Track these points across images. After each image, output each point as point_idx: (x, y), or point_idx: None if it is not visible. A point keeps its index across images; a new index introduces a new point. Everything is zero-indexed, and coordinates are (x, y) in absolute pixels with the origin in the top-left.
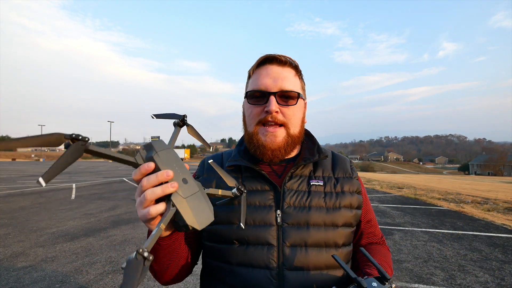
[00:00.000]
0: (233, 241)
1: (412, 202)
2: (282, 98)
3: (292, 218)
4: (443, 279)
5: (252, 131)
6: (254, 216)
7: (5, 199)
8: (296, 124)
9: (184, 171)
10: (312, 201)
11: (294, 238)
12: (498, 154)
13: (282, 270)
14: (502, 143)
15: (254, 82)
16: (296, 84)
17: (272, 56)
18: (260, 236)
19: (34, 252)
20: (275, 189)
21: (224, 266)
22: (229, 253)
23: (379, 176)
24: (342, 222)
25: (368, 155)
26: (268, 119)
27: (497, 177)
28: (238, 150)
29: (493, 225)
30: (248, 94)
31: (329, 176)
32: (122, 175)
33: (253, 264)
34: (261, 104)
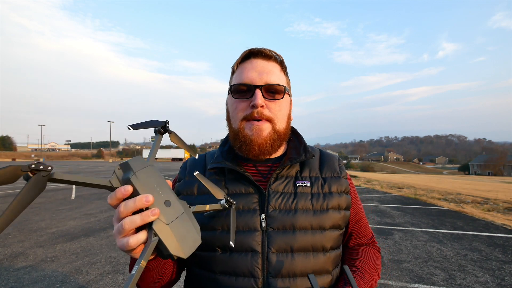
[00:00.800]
0: (216, 248)
1: (412, 202)
2: (268, 93)
3: (277, 222)
4: (443, 279)
5: (237, 127)
6: (238, 221)
7: (5, 199)
8: (282, 120)
9: (166, 192)
10: (299, 204)
11: (280, 243)
12: (498, 154)
13: (267, 278)
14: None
15: (239, 76)
16: (281, 79)
17: (257, 50)
18: (244, 242)
19: (34, 252)
20: (259, 192)
21: (207, 274)
22: (212, 261)
23: (379, 176)
24: (330, 225)
25: (368, 155)
26: (254, 114)
27: (497, 177)
28: (221, 150)
29: (493, 225)
30: (232, 88)
31: (316, 176)
32: None
33: (236, 272)
34: (247, 99)
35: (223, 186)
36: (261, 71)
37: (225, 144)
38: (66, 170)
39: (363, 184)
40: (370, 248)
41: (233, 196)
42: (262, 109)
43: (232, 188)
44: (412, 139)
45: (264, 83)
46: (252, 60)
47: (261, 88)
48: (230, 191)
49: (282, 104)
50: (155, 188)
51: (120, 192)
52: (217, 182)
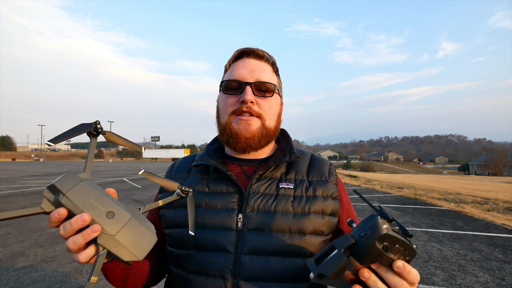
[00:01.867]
0: (190, 246)
1: (412, 202)
2: (259, 90)
3: (254, 222)
4: (443, 279)
5: (225, 121)
6: (214, 219)
7: (5, 199)
8: (272, 118)
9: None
10: (278, 205)
11: (254, 245)
12: (498, 154)
13: (238, 280)
14: (502, 143)
15: (230, 73)
16: (273, 79)
17: (249, 49)
18: (217, 241)
19: (34, 252)
20: (240, 192)
21: (180, 273)
22: (185, 259)
23: (379, 176)
24: (311, 229)
25: (368, 155)
26: (242, 109)
27: (497, 177)
28: (207, 149)
29: (493, 225)
30: (223, 84)
31: (302, 179)
32: (122, 175)
33: (207, 273)
34: (237, 94)
35: (204, 185)
36: (253, 69)
37: (213, 143)
38: (66, 170)
39: (363, 184)
40: None
41: (213, 195)
42: (252, 105)
43: (213, 187)
44: (412, 139)
45: (255, 80)
46: (244, 59)
47: (251, 84)
48: (210, 190)
49: (272, 102)
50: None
51: (54, 216)
52: (200, 180)
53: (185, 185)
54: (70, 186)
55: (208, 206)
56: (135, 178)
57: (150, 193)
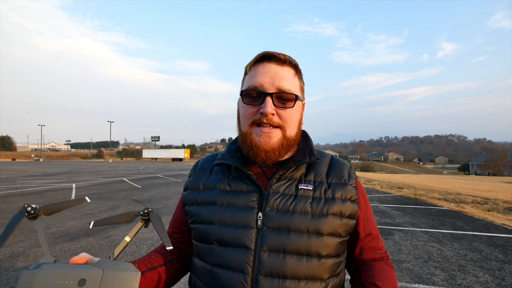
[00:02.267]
0: (213, 241)
1: (412, 202)
2: (279, 100)
3: (273, 221)
4: (443, 279)
5: (246, 131)
6: (235, 217)
7: (5, 199)
8: (292, 127)
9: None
10: (297, 206)
11: (273, 243)
12: (498, 154)
13: (257, 275)
14: (502, 143)
15: (251, 80)
16: (294, 84)
17: (271, 54)
18: (238, 238)
19: (34, 252)
20: (260, 191)
21: (204, 265)
22: (209, 252)
23: (379, 176)
24: (328, 231)
25: (368, 155)
26: (263, 120)
27: (497, 177)
28: (229, 148)
29: (493, 225)
30: (243, 93)
31: (321, 180)
32: (122, 175)
33: (228, 266)
34: (256, 105)
35: (226, 184)
36: (274, 77)
37: (235, 143)
38: (66, 170)
39: (363, 184)
40: (386, 264)
41: (234, 194)
42: (272, 117)
43: (234, 186)
44: (412, 139)
45: (275, 89)
46: (265, 64)
47: (272, 95)
48: (231, 188)
49: (293, 112)
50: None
51: None
52: (221, 179)
53: (207, 183)
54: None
55: (229, 204)
56: (135, 178)
57: (149, 193)
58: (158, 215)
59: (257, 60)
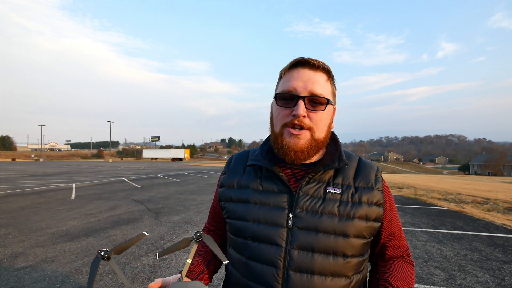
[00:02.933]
0: (247, 237)
1: (412, 202)
2: (311, 103)
3: (302, 222)
4: (443, 279)
5: (278, 131)
6: (267, 216)
7: (5, 199)
8: (322, 129)
9: None
10: (325, 208)
11: (302, 242)
12: (498, 154)
13: (287, 270)
14: (502, 143)
15: (285, 84)
16: (327, 89)
17: (305, 60)
18: (270, 236)
19: (34, 252)
20: (290, 193)
21: (239, 257)
22: (243, 246)
23: None
24: (354, 233)
25: (368, 155)
26: (294, 122)
27: (497, 177)
28: (261, 149)
29: (493, 225)
30: (277, 96)
31: (348, 184)
32: (122, 175)
33: (261, 260)
34: (289, 107)
35: (258, 184)
36: (307, 81)
37: (266, 143)
38: (66, 170)
39: None
40: (405, 262)
41: (265, 194)
42: (303, 119)
43: (266, 185)
44: (412, 139)
45: (308, 93)
46: (299, 69)
47: (304, 98)
48: (264, 188)
49: (324, 115)
50: None
51: None
52: (254, 179)
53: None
54: None
55: (262, 203)
56: (135, 178)
57: (149, 193)
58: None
59: (291, 65)
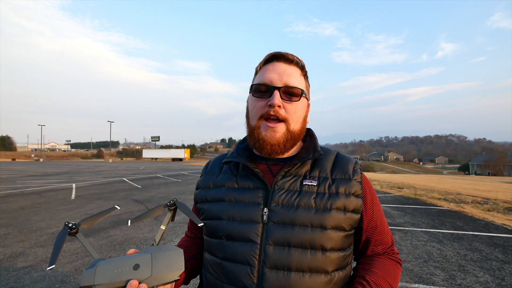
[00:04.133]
0: (222, 236)
1: (412, 202)
2: (286, 94)
3: (278, 216)
4: (443, 279)
5: (254, 125)
6: (242, 213)
7: (5, 199)
8: (297, 121)
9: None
10: (301, 201)
11: (278, 237)
12: (498, 154)
13: (263, 267)
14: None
15: (260, 77)
16: (301, 82)
17: (279, 54)
18: (244, 233)
19: (34, 252)
20: (266, 188)
21: (214, 259)
22: (218, 247)
23: (379, 176)
24: (332, 225)
25: (368, 155)
26: (270, 113)
27: (497, 177)
28: (237, 147)
29: (493, 225)
30: (253, 88)
31: (325, 176)
32: (122, 175)
33: (236, 260)
34: (265, 98)
35: (234, 181)
36: (282, 74)
37: (243, 142)
38: (66, 170)
39: None
40: (388, 259)
41: (241, 191)
42: (279, 109)
43: (242, 183)
44: (412, 139)
45: (283, 84)
46: (274, 63)
47: (279, 89)
48: (239, 186)
49: (298, 106)
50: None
51: None
52: (230, 177)
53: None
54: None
55: (237, 200)
56: (135, 178)
57: (149, 193)
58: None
59: (267, 60)
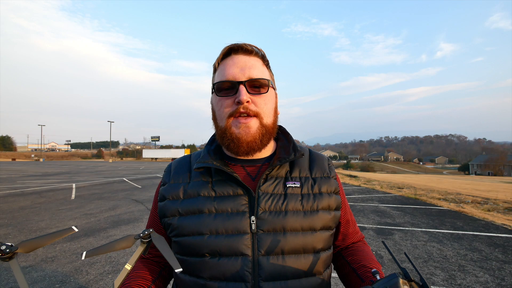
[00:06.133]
0: (205, 254)
1: (412, 202)
2: (252, 88)
3: (267, 224)
4: (443, 279)
5: (224, 125)
6: (226, 224)
7: (5, 199)
8: (269, 114)
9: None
10: (289, 205)
11: (270, 246)
12: (498, 154)
13: (258, 281)
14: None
15: (221, 73)
16: (265, 73)
17: (237, 46)
18: (233, 246)
19: (34, 252)
20: (249, 194)
21: (197, 280)
22: (201, 266)
23: (379, 176)
24: (321, 226)
25: (368, 155)
26: (240, 110)
27: (497, 177)
28: (208, 149)
29: (493, 225)
30: (215, 87)
31: (306, 176)
32: (122, 175)
33: (226, 277)
34: (231, 96)
35: (210, 189)
36: (243, 67)
37: (212, 143)
38: (66, 170)
39: (363, 184)
40: (363, 244)
41: (221, 199)
42: (248, 105)
43: (220, 190)
44: (412, 139)
45: (247, 78)
46: (233, 56)
47: (244, 83)
48: (217, 193)
49: (267, 98)
50: None
51: None
52: (203, 184)
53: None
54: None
55: (217, 210)
56: (135, 178)
57: (149, 193)
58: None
59: (224, 54)
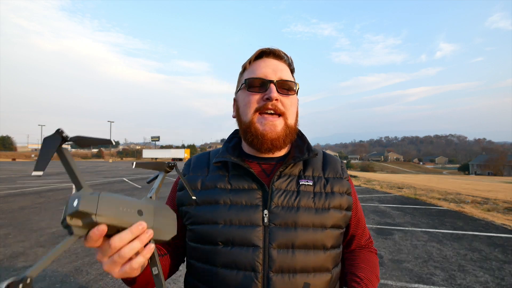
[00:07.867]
0: (218, 242)
1: (412, 202)
2: (282, 88)
3: (279, 218)
4: (443, 279)
5: (249, 120)
6: (240, 215)
7: (5, 199)
8: (293, 116)
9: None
10: (301, 201)
11: (281, 239)
12: (498, 154)
13: (268, 272)
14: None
15: (253, 72)
16: (292, 78)
17: (269, 50)
18: (246, 237)
19: (34, 252)
20: (263, 188)
21: (209, 268)
22: (214, 254)
23: (379, 176)
24: (331, 223)
25: (368, 155)
26: (268, 106)
27: (497, 177)
28: (226, 146)
29: (493, 225)
30: (247, 82)
31: (319, 176)
32: (122, 175)
33: (238, 266)
34: (261, 92)
35: (226, 182)
36: (275, 69)
37: (231, 140)
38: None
39: (363, 184)
40: (369, 252)
41: (236, 192)
42: (276, 103)
43: (236, 183)
44: (412, 139)
45: (278, 78)
46: (264, 59)
47: (275, 82)
48: (233, 186)
49: (294, 101)
50: (122, 210)
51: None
52: (220, 177)
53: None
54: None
55: (232, 202)
56: (135, 178)
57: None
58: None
59: (256, 56)
